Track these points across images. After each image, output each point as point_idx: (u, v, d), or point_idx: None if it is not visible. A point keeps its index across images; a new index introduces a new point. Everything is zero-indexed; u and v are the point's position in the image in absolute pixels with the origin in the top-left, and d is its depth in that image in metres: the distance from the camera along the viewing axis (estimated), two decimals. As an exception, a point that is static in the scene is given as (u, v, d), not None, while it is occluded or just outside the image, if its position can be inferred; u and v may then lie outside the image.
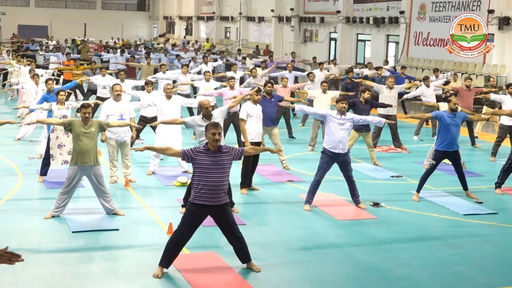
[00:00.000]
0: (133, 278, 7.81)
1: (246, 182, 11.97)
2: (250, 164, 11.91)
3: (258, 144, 11.83)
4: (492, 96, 16.01)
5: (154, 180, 12.80)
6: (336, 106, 11.06)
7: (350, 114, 11.20)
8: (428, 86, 18.06)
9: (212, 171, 7.76)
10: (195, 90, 20.45)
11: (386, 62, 30.34)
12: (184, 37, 56.98)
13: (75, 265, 8.16)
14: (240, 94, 14.08)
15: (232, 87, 15.32)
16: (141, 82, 17.76)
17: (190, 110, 18.70)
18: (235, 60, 30.95)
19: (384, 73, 23.04)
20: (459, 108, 12.09)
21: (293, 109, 12.03)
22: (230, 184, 9.84)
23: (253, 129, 11.88)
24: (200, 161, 7.79)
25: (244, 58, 30.33)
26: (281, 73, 21.67)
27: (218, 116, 10.91)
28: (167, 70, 22.08)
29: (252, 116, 11.84)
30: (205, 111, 10.51)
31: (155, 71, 23.19)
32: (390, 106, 15.57)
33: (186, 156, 7.88)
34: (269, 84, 13.39)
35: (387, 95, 16.20)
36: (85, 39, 47.68)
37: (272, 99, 13.43)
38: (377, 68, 23.37)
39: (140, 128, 12.33)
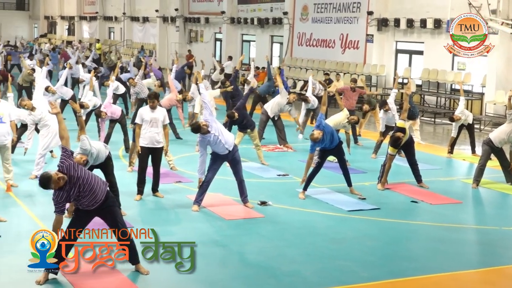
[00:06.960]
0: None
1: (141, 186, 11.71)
2: (144, 169, 11.68)
3: (154, 149, 11.60)
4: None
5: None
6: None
7: (211, 123, 10.73)
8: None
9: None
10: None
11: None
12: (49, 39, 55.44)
13: None
14: None
15: None
16: None
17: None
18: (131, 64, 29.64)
19: None
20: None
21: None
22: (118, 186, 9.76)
23: (147, 134, 11.52)
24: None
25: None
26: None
27: None
28: None
29: (147, 121, 11.61)
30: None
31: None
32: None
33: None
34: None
35: (281, 102, 16.48)
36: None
37: None
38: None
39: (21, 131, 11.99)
